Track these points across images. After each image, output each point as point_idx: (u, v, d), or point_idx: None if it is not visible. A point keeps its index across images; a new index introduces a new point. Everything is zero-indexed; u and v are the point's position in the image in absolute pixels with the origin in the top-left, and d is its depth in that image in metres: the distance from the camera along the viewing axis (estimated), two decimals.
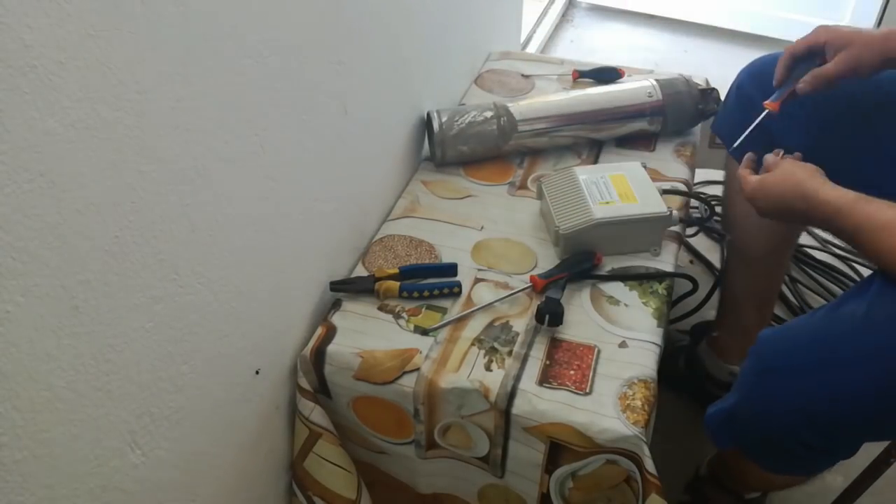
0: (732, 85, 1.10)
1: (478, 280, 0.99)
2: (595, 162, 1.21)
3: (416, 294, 0.95)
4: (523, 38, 2.12)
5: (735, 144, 0.96)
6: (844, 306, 0.77)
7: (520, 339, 0.91)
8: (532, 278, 0.96)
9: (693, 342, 1.29)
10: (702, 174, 1.46)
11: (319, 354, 0.90)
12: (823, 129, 0.98)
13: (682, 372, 1.28)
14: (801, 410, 0.77)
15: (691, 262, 1.55)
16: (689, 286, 1.04)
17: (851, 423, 0.75)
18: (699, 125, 1.28)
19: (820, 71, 0.89)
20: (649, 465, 0.80)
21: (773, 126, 1.02)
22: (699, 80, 1.28)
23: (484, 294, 0.97)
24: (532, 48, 2.21)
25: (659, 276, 0.99)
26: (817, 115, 0.98)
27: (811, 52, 0.92)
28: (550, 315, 0.89)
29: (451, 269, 0.99)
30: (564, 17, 2.48)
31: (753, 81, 1.06)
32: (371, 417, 0.93)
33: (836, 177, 1.01)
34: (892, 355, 0.70)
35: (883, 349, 0.71)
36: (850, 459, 0.82)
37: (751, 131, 0.96)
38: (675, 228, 1.05)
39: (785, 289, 1.49)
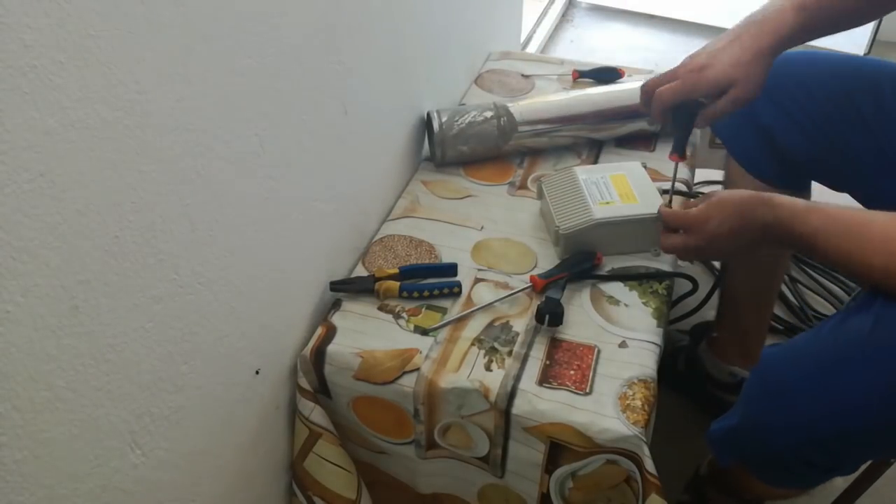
0: None
1: (478, 280, 0.99)
2: (595, 162, 1.21)
3: (416, 294, 0.95)
4: (523, 38, 2.12)
5: (666, 202, 0.98)
6: (849, 321, 0.75)
7: (520, 339, 0.90)
8: (532, 278, 0.96)
9: (693, 343, 1.29)
10: (702, 174, 1.46)
11: (319, 354, 0.90)
12: (825, 131, 0.98)
13: (682, 372, 1.28)
14: (805, 427, 0.76)
15: (691, 261, 1.55)
16: (689, 286, 1.04)
17: (855, 440, 0.74)
18: None
19: (714, 113, 0.88)
20: (649, 465, 0.80)
21: (775, 130, 1.02)
22: None
23: (484, 294, 0.97)
24: (532, 48, 2.21)
25: (659, 276, 0.99)
26: (819, 118, 0.98)
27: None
28: (550, 315, 0.89)
29: (451, 269, 0.99)
30: (564, 17, 2.48)
31: None
32: (371, 417, 0.93)
33: (836, 178, 1.02)
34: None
35: (887, 364, 0.69)
36: None
37: (672, 185, 0.98)
38: None
39: (785, 289, 1.49)
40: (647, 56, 2.25)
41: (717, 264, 1.53)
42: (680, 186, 1.13)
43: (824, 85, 0.99)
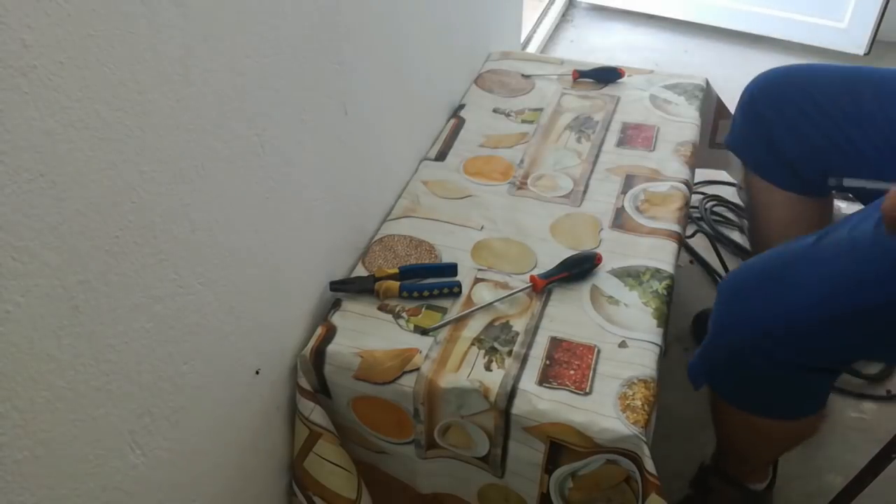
0: (740, 102, 1.13)
1: (478, 280, 0.99)
2: (595, 162, 1.20)
3: (416, 294, 0.95)
4: (523, 38, 2.12)
5: None
6: (796, 241, 0.86)
7: (519, 339, 0.90)
8: (532, 278, 0.96)
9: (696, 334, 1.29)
10: (702, 174, 1.46)
11: (319, 354, 0.90)
12: (830, 136, 1.00)
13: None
14: (759, 322, 0.83)
15: (691, 262, 1.55)
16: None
17: (805, 334, 0.81)
18: (699, 125, 1.28)
19: None
20: (649, 464, 0.80)
21: (775, 135, 1.03)
22: (699, 80, 1.28)
23: (484, 294, 0.97)
24: (532, 48, 2.21)
25: (659, 276, 0.99)
26: (824, 123, 1.00)
27: None
28: None
29: (451, 269, 0.99)
30: (564, 17, 2.49)
31: (763, 95, 1.07)
32: (371, 417, 0.93)
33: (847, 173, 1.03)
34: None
35: (827, 264, 0.80)
36: (849, 457, 0.82)
37: None
38: (676, 228, 1.05)
39: None
40: (647, 56, 2.25)
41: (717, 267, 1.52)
42: (680, 186, 1.14)
43: (827, 91, 1.01)
